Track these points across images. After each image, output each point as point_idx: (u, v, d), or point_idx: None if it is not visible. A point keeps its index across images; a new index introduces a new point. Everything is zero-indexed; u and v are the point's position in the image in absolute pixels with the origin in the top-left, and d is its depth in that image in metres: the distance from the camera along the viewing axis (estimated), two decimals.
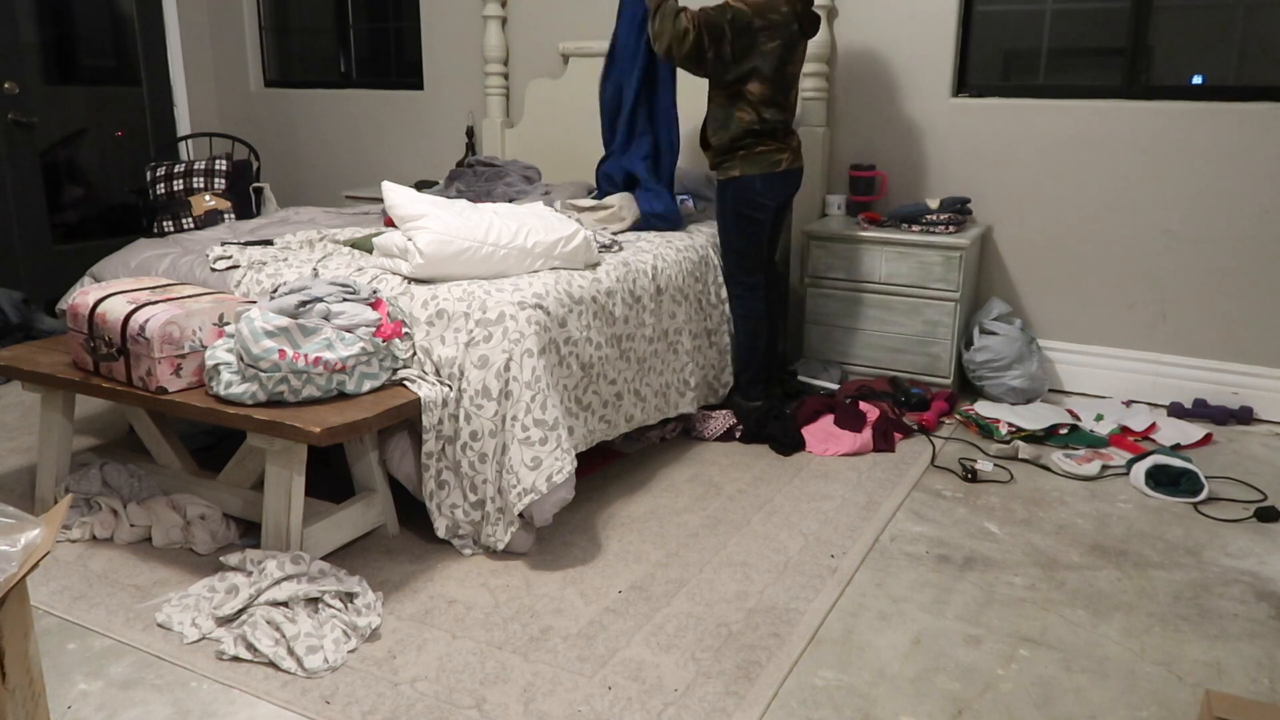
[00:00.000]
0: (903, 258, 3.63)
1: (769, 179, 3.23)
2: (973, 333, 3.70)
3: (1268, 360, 3.53)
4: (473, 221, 2.72)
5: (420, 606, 2.25)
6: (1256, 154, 3.42)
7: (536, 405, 2.41)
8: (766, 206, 3.27)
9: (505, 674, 2.00)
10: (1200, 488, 2.86)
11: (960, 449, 3.25)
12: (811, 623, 2.19)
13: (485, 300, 2.53)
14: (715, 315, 3.38)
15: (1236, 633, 2.18)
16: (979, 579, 2.41)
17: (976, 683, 1.99)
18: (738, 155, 3.23)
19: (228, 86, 5.61)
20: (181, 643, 2.09)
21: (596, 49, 4.37)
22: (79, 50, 5.01)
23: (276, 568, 2.18)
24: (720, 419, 3.33)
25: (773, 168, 3.22)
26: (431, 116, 5.02)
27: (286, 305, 2.33)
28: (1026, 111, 3.73)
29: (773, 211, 3.31)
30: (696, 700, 1.92)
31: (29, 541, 1.29)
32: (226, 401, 2.31)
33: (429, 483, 2.49)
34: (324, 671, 1.99)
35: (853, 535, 2.62)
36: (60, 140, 4.91)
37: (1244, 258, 3.50)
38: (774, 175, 3.23)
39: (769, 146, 3.22)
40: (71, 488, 2.67)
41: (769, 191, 3.25)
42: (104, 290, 2.53)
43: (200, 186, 4.45)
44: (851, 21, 3.94)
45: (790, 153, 3.27)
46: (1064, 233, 3.76)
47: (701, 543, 2.58)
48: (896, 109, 3.94)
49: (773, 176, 3.23)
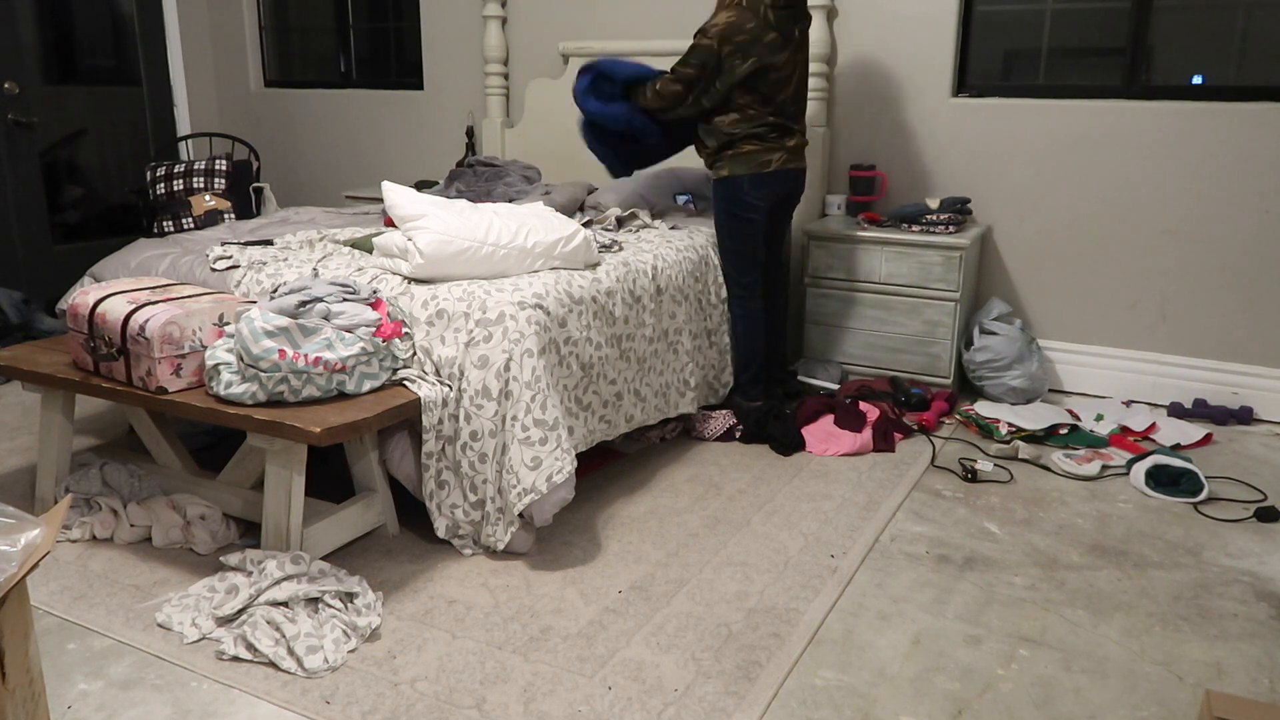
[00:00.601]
0: (903, 258, 3.63)
1: (757, 179, 3.22)
2: (973, 333, 3.70)
3: (1268, 360, 3.53)
4: (473, 221, 2.72)
5: (420, 606, 2.25)
6: (1256, 154, 3.42)
7: (536, 405, 2.41)
8: (757, 206, 3.25)
9: (505, 674, 2.00)
10: (1200, 488, 2.86)
11: (960, 449, 3.25)
12: (811, 623, 2.20)
13: (485, 300, 2.53)
14: (715, 315, 3.38)
15: (1236, 633, 2.18)
16: (979, 579, 2.41)
17: (976, 683, 1.99)
18: (727, 155, 3.23)
19: (228, 86, 5.61)
20: (181, 643, 2.09)
21: (596, 49, 4.37)
22: (79, 50, 5.01)
23: (276, 568, 2.18)
24: (720, 419, 3.33)
25: (761, 168, 3.21)
26: (431, 116, 5.02)
27: (286, 305, 2.33)
28: (1027, 111, 3.73)
29: (765, 212, 3.28)
30: (696, 700, 1.92)
31: (29, 541, 1.29)
32: (226, 401, 2.31)
33: (429, 483, 2.50)
34: (324, 671, 1.99)
35: (853, 535, 2.62)
36: (60, 140, 4.91)
37: (1244, 258, 3.50)
38: (762, 175, 3.22)
39: (756, 146, 3.21)
40: (71, 488, 2.67)
41: (757, 191, 3.24)
42: (104, 290, 2.53)
43: (200, 186, 4.45)
44: (851, 21, 3.94)
45: (784, 153, 3.24)
46: (1064, 233, 3.76)
47: (701, 543, 2.58)
48: (896, 109, 3.94)
49: (761, 177, 3.22)
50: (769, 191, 3.26)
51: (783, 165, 3.24)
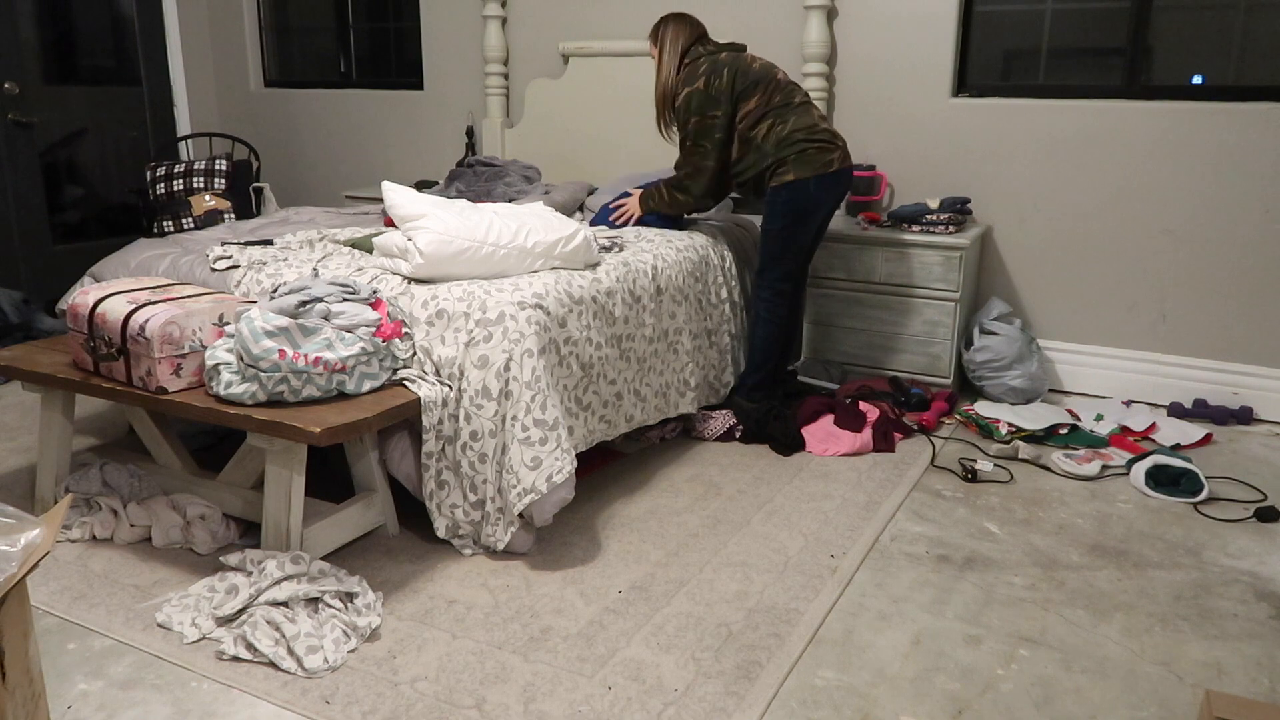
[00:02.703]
0: (903, 258, 3.63)
1: (822, 180, 3.20)
2: (973, 333, 3.70)
3: (1268, 360, 3.53)
4: (473, 221, 2.72)
5: (420, 606, 2.25)
6: (1256, 154, 3.42)
7: (536, 405, 2.41)
8: (823, 205, 3.26)
9: (505, 674, 2.00)
10: (1200, 488, 2.86)
11: (960, 449, 3.25)
12: (811, 623, 2.19)
13: (485, 300, 2.53)
14: (715, 315, 3.38)
15: (1236, 633, 2.18)
16: (979, 579, 2.41)
17: (976, 683, 1.99)
18: (789, 160, 3.19)
19: (228, 86, 5.61)
20: (181, 643, 2.09)
21: (597, 49, 4.37)
22: (79, 50, 5.01)
23: (276, 568, 2.18)
24: (720, 419, 3.33)
25: (825, 168, 3.20)
26: (431, 116, 5.02)
27: (286, 305, 2.33)
28: (1026, 111, 3.73)
29: (827, 212, 3.31)
30: (696, 700, 1.92)
31: (29, 541, 1.29)
32: (226, 401, 2.31)
33: (429, 483, 2.49)
34: (324, 671, 1.99)
35: (853, 535, 2.62)
36: (60, 140, 4.91)
37: (1244, 258, 3.50)
38: (826, 176, 3.21)
39: (817, 147, 3.19)
40: (71, 488, 2.67)
41: (823, 192, 3.23)
42: (104, 290, 2.53)
43: (200, 186, 4.45)
44: (851, 21, 3.94)
45: (840, 151, 3.24)
46: (1064, 233, 3.76)
47: (701, 543, 2.58)
48: (896, 109, 3.94)
49: (825, 177, 3.21)
50: (833, 191, 3.26)
51: (843, 164, 3.25)
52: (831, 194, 3.27)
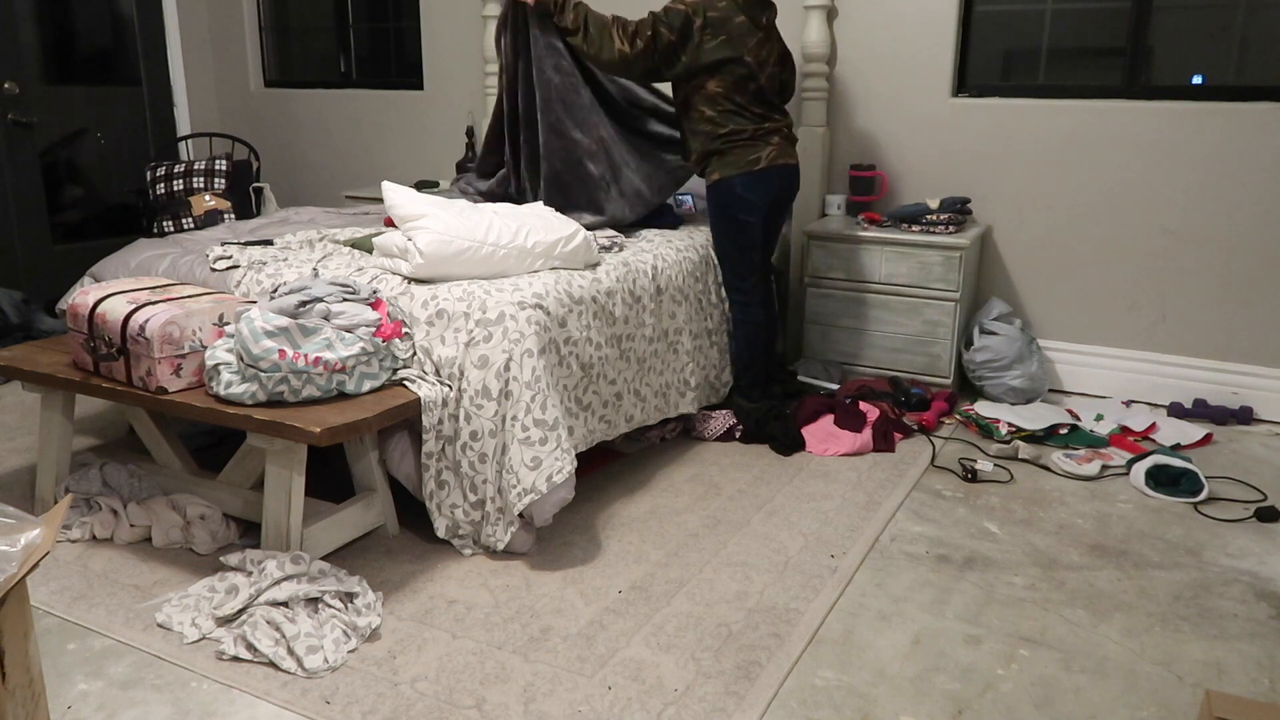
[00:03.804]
0: (903, 258, 3.63)
1: (748, 178, 3.15)
2: (973, 333, 3.70)
3: (1268, 360, 3.53)
4: (473, 221, 2.72)
5: (420, 606, 2.26)
6: (1256, 154, 3.42)
7: (536, 405, 2.41)
8: (753, 206, 3.18)
9: (505, 674, 2.00)
10: (1200, 488, 2.86)
11: (960, 449, 3.25)
12: (811, 623, 2.20)
13: (485, 300, 2.53)
14: (715, 315, 3.38)
15: (1236, 633, 2.18)
16: (979, 579, 2.41)
17: (976, 683, 2.00)
18: (714, 159, 3.17)
19: (228, 86, 5.61)
20: (181, 643, 2.09)
21: None
22: (79, 50, 5.01)
23: (276, 568, 2.18)
24: (720, 419, 3.33)
25: (750, 166, 3.13)
26: (431, 116, 5.02)
27: (286, 305, 2.33)
28: (1026, 111, 3.73)
29: (761, 212, 3.21)
30: (696, 700, 1.92)
31: (29, 541, 1.29)
32: (226, 401, 2.31)
33: (429, 483, 2.50)
34: (324, 671, 1.99)
35: (853, 535, 2.62)
36: (60, 140, 4.91)
37: (1244, 258, 3.50)
38: (753, 174, 3.14)
39: (741, 146, 3.14)
40: (71, 488, 2.67)
41: (750, 192, 3.16)
42: (104, 290, 2.53)
43: (200, 186, 4.45)
44: (851, 21, 3.94)
45: (772, 148, 3.16)
46: (1064, 233, 3.76)
47: (701, 543, 2.58)
48: (896, 109, 3.94)
49: (752, 175, 3.14)
50: (763, 191, 3.19)
51: (772, 162, 3.16)
52: (761, 192, 3.18)
